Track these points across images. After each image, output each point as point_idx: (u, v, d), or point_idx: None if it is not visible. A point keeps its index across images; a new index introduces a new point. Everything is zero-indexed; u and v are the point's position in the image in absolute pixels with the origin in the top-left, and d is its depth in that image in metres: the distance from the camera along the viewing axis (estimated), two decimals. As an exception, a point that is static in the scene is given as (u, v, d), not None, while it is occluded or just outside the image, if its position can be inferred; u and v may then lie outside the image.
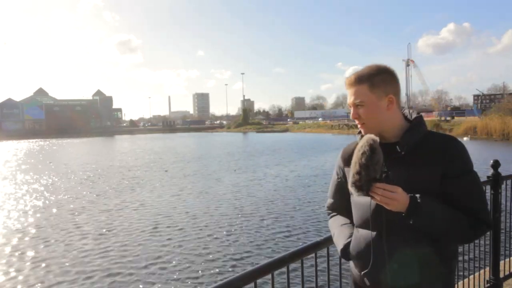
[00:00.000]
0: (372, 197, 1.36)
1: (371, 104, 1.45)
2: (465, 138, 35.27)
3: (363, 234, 1.50)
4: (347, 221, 1.69)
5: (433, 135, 1.46)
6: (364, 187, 1.34)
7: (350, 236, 1.58)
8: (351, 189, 1.38)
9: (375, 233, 1.45)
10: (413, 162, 1.39)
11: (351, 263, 1.62)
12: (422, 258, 1.38)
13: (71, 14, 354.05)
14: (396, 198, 1.32)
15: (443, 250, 1.41)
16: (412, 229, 1.37)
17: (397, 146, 1.42)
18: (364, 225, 1.50)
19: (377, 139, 1.35)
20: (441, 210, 1.34)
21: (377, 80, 1.45)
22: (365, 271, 1.46)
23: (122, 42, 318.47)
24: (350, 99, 1.50)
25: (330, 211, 1.80)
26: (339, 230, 1.65)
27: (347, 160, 1.57)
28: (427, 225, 1.34)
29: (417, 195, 1.34)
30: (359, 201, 1.51)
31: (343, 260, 1.70)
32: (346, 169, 1.60)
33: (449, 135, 1.48)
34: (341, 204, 1.71)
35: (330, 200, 1.78)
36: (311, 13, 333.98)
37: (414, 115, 1.52)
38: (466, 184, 1.39)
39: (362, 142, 1.36)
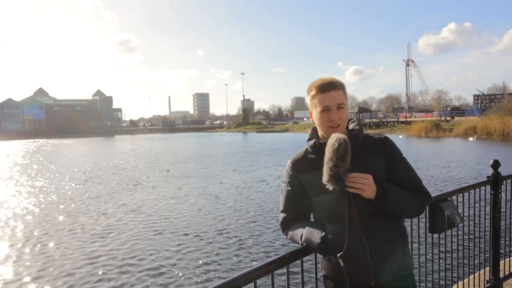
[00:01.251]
0: (348, 187, 1.52)
1: (346, 107, 1.68)
2: (470, 139, 35.04)
3: (338, 227, 1.62)
4: (311, 222, 1.77)
5: (370, 134, 1.73)
6: (343, 177, 1.50)
7: (323, 230, 1.66)
8: (329, 183, 1.51)
9: (347, 221, 1.58)
10: (363, 155, 1.62)
11: (323, 264, 1.74)
12: (390, 234, 1.62)
13: (70, 14, 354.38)
14: (370, 184, 1.52)
15: (400, 227, 1.69)
16: (377, 212, 1.58)
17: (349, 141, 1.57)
18: (336, 218, 1.62)
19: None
20: (400, 192, 1.60)
21: (345, 89, 1.70)
22: (340, 253, 1.57)
23: (121, 41, 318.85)
24: (331, 101, 1.64)
25: (284, 227, 1.83)
26: (309, 229, 1.70)
27: (300, 167, 1.73)
28: (393, 205, 1.58)
29: (383, 182, 1.58)
30: (325, 199, 1.63)
31: None
32: (301, 176, 1.72)
33: (381, 134, 1.75)
34: (298, 214, 1.79)
35: (284, 215, 1.82)
36: (311, 12, 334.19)
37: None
38: (405, 167, 1.70)
39: (334, 138, 1.52)
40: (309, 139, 1.75)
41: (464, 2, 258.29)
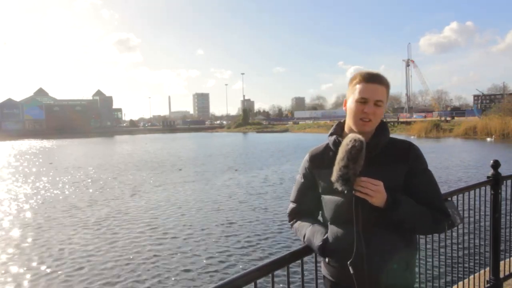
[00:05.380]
0: (356, 191, 1.46)
1: (384, 106, 1.59)
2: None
3: (340, 229, 1.59)
4: (316, 221, 1.75)
5: (396, 140, 1.65)
6: (351, 180, 1.44)
7: (326, 233, 1.63)
8: (337, 183, 1.46)
9: (352, 226, 1.53)
10: (382, 161, 1.55)
11: (322, 265, 1.71)
12: (393, 246, 1.53)
13: (68, 12, 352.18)
14: (380, 191, 1.45)
15: (408, 239, 1.59)
16: (384, 222, 1.51)
17: (368, 146, 1.51)
18: (340, 220, 1.59)
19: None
20: (413, 206, 1.51)
21: (389, 88, 1.63)
22: (350, 260, 1.53)
23: (120, 41, 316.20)
24: (371, 94, 1.55)
25: (292, 217, 1.83)
26: (312, 229, 1.68)
27: (317, 162, 1.68)
28: (403, 218, 1.49)
29: (395, 191, 1.49)
30: (333, 199, 1.59)
31: None
32: (316, 171, 1.68)
33: (408, 140, 1.66)
34: (306, 208, 1.77)
35: (293, 205, 1.81)
36: (311, 12, 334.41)
37: None
38: (426, 180, 1.60)
39: (350, 138, 1.46)
40: (331, 134, 1.67)
41: (467, 1, 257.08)
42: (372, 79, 1.56)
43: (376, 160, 1.53)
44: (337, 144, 1.59)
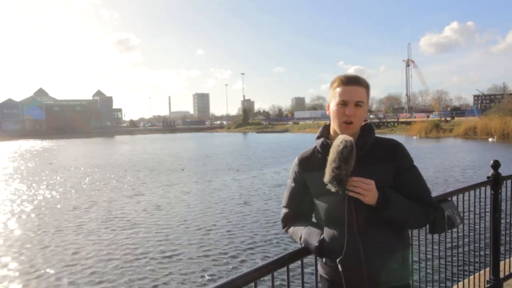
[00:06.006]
0: (348, 191, 1.49)
1: (365, 107, 1.63)
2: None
3: (335, 230, 1.61)
4: (311, 222, 1.76)
5: (382, 139, 1.68)
6: (344, 180, 1.47)
7: (322, 233, 1.65)
8: (330, 184, 1.49)
9: (346, 226, 1.56)
10: (370, 161, 1.59)
11: (319, 265, 1.73)
12: (387, 243, 1.56)
13: (68, 12, 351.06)
14: (371, 190, 1.48)
15: (402, 235, 1.63)
16: (377, 219, 1.54)
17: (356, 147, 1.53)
18: (334, 221, 1.61)
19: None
20: (403, 202, 1.56)
21: (369, 89, 1.66)
22: (339, 258, 1.56)
23: (120, 40, 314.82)
24: (350, 96, 1.59)
25: (285, 223, 1.84)
26: (308, 231, 1.70)
27: (307, 165, 1.70)
28: (395, 214, 1.53)
29: (385, 189, 1.53)
30: (326, 201, 1.62)
31: None
32: (306, 174, 1.70)
33: (394, 139, 1.69)
34: (300, 212, 1.79)
35: (286, 210, 1.83)
36: (311, 12, 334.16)
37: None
38: (413, 176, 1.64)
39: (340, 139, 1.49)
40: (318, 137, 1.71)
41: (467, 1, 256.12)
42: (350, 82, 1.60)
43: (364, 160, 1.57)
44: (324, 146, 1.63)
